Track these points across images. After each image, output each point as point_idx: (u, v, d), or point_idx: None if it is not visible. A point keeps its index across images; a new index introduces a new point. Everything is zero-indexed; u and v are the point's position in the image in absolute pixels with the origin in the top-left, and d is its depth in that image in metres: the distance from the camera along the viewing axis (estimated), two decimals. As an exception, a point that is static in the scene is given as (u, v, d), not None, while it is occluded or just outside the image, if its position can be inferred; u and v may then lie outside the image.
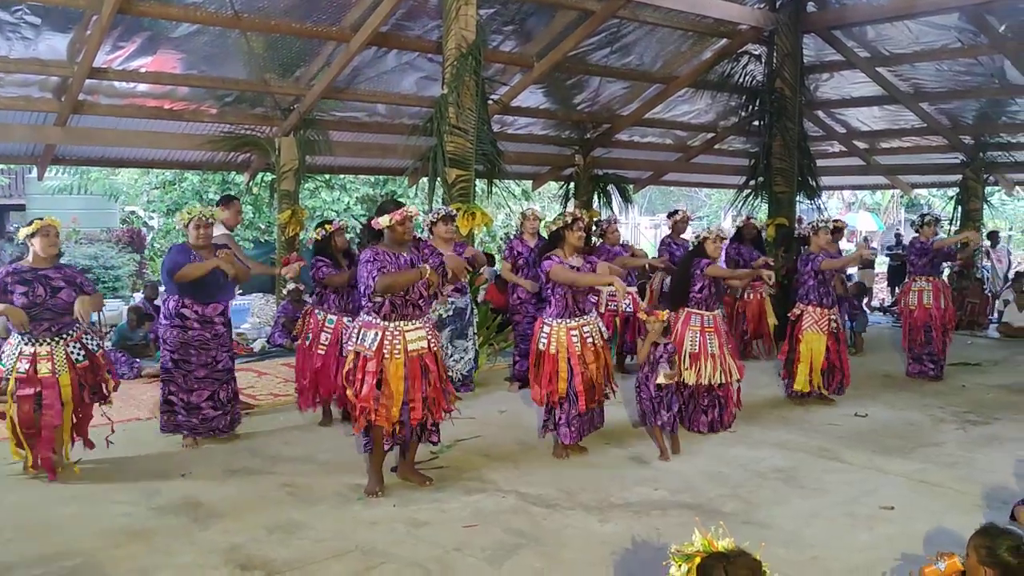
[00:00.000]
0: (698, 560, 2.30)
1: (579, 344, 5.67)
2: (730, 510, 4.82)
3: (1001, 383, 8.54)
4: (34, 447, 5.27)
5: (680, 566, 2.28)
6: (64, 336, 5.31)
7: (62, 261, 6.10)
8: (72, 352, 5.32)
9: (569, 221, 5.78)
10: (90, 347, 5.47)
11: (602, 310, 7.86)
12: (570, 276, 5.60)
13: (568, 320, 5.70)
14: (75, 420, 5.46)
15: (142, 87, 9.19)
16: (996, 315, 12.77)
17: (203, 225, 5.90)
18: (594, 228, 8.51)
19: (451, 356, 7.36)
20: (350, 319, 6.32)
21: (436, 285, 5.13)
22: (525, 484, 5.25)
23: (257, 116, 10.15)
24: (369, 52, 9.35)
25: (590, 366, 5.69)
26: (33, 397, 5.19)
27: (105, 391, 5.55)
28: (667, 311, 6.13)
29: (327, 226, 6.55)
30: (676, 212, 9.60)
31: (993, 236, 15.38)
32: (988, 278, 14.04)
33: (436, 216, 7.07)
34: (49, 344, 5.24)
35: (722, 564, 2.27)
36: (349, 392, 4.92)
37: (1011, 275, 13.86)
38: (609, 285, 5.53)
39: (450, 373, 7.29)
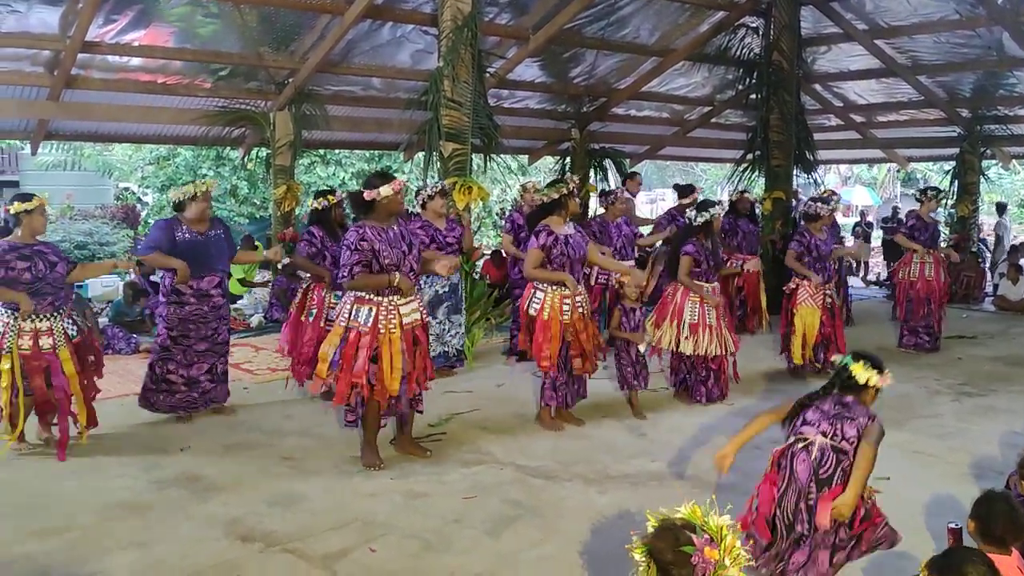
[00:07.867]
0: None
1: (571, 313, 5.70)
2: (725, 481, 4.84)
3: (997, 355, 8.57)
4: (45, 423, 5.40)
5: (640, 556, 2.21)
6: (61, 311, 5.32)
7: (56, 237, 6.08)
8: (67, 327, 5.33)
9: (571, 189, 5.82)
10: (79, 323, 5.48)
11: (592, 283, 7.85)
12: (544, 275, 5.68)
13: (562, 288, 5.70)
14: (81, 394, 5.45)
15: (135, 61, 9.09)
16: (992, 288, 12.82)
17: (207, 198, 5.89)
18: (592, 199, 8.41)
19: (448, 331, 7.36)
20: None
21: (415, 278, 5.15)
22: (523, 456, 5.28)
23: (251, 90, 10.06)
24: (364, 25, 9.24)
25: (580, 335, 5.75)
26: (43, 372, 5.19)
27: (96, 365, 5.56)
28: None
29: (330, 197, 6.46)
30: (693, 189, 9.35)
31: (1001, 207, 15.61)
32: (987, 251, 14.10)
33: (433, 191, 7.06)
34: (49, 319, 5.24)
35: (648, 544, 2.19)
36: (320, 366, 4.94)
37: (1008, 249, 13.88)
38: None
39: (446, 348, 7.32)
